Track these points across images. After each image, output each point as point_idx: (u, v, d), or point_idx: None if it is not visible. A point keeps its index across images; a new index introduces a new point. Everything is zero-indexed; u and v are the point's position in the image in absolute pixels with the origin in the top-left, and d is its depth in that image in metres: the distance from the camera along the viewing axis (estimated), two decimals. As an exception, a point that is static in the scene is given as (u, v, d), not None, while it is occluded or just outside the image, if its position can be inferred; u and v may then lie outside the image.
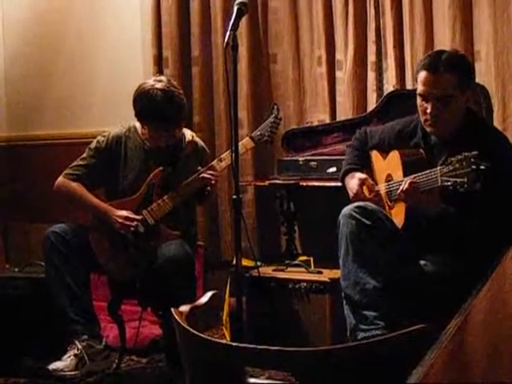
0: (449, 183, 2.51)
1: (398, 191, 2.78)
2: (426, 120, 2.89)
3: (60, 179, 3.46)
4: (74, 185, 3.42)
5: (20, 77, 5.21)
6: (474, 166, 2.44)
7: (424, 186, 2.67)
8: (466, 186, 2.45)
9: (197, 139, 3.56)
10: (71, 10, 5.03)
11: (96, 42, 4.97)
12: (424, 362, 1.17)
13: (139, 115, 3.36)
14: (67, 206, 3.68)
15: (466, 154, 2.47)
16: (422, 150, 2.94)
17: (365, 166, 3.18)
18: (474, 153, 2.47)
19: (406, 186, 2.72)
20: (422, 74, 2.86)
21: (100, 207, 3.37)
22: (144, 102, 3.29)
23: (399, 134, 3.08)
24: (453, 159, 2.51)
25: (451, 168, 2.51)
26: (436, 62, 2.83)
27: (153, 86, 3.30)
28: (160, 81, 3.34)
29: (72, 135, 4.97)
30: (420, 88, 2.88)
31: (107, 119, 4.62)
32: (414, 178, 2.73)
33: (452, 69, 2.82)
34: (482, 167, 2.44)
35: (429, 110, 2.85)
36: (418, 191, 2.69)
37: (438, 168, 2.59)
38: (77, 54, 5.03)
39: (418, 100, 2.91)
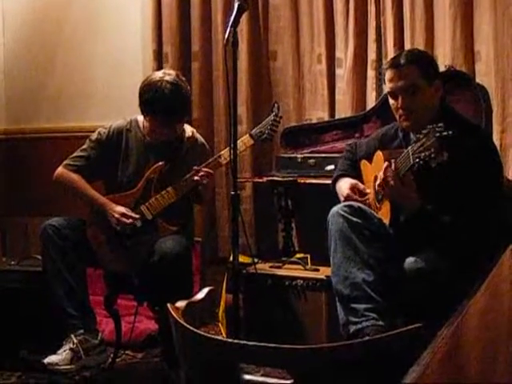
0: (419, 159, 2.58)
1: (377, 182, 2.83)
2: (400, 116, 2.98)
3: (60, 169, 3.46)
4: (74, 176, 3.42)
5: (19, 70, 5.20)
6: (437, 134, 2.51)
7: (400, 170, 2.73)
8: (433, 155, 2.52)
9: (197, 135, 3.56)
10: (71, 4, 5.03)
11: (96, 36, 4.97)
12: (420, 361, 1.17)
13: (144, 106, 3.34)
14: (65, 197, 3.67)
15: (431, 126, 2.54)
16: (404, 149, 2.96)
17: (355, 174, 3.24)
18: (439, 124, 2.55)
19: (381, 175, 2.78)
20: (387, 73, 2.98)
21: (98, 200, 3.37)
22: (151, 92, 3.28)
23: (382, 139, 3.17)
24: (420, 135, 2.59)
25: (419, 144, 2.58)
26: (397, 59, 2.98)
27: (162, 77, 3.30)
28: (169, 74, 3.34)
29: (71, 129, 4.97)
30: (388, 86, 3.00)
31: (106, 113, 4.62)
32: (390, 164, 2.78)
33: (412, 60, 2.93)
34: (445, 133, 2.51)
35: (399, 105, 2.93)
36: (395, 177, 2.74)
37: (409, 148, 2.66)
38: (76, 49, 5.02)
39: (390, 100, 3.01)
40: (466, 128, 2.89)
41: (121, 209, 3.32)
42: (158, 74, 3.35)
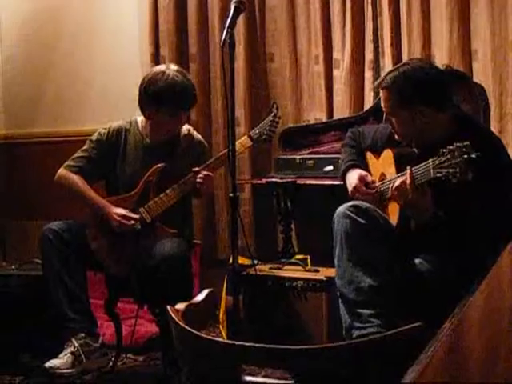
0: (441, 174, 2.51)
1: (392, 189, 2.77)
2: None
3: (61, 171, 3.45)
4: (74, 177, 3.42)
5: (17, 75, 5.21)
6: (465, 156, 2.45)
7: (417, 179, 2.65)
8: (458, 175, 2.46)
9: (193, 133, 3.54)
10: (68, 7, 5.03)
11: (93, 39, 4.97)
12: (420, 360, 1.17)
13: (151, 98, 3.32)
14: (65, 201, 3.67)
15: (458, 144, 2.48)
16: (414, 149, 2.94)
17: (362, 163, 3.19)
18: (466, 143, 2.47)
19: (397, 183, 2.72)
20: None
21: (99, 203, 3.37)
22: (160, 82, 3.28)
23: (391, 135, 3.08)
24: (444, 150, 2.51)
25: (443, 159, 2.51)
26: (384, 77, 2.92)
27: (167, 67, 3.35)
28: (172, 66, 3.40)
29: (69, 133, 4.97)
30: None
31: (104, 117, 4.61)
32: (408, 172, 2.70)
33: (389, 85, 2.87)
34: (473, 156, 2.45)
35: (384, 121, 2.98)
36: (411, 187, 2.66)
37: (430, 160, 2.58)
38: (74, 52, 5.02)
39: None
40: (482, 140, 2.79)
41: (121, 211, 3.32)
42: (161, 67, 3.39)
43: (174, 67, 3.36)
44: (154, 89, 3.30)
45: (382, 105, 2.94)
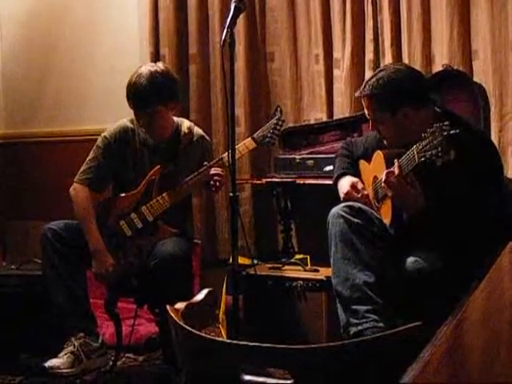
0: (425, 158, 2.55)
1: (382, 180, 2.80)
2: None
3: (74, 185, 3.44)
4: (83, 197, 3.40)
5: (17, 74, 5.20)
6: (445, 133, 2.48)
7: (404, 168, 2.69)
8: (440, 154, 2.49)
9: (194, 130, 3.51)
10: (68, 7, 5.02)
11: (93, 39, 4.96)
12: (419, 360, 1.17)
13: None
14: (65, 200, 3.67)
15: (437, 124, 2.52)
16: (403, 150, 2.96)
17: (355, 172, 3.22)
18: (445, 122, 2.51)
19: (385, 172, 2.75)
20: None
21: (92, 242, 3.33)
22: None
23: (381, 139, 3.09)
24: (425, 134, 2.55)
25: (425, 143, 2.55)
26: (364, 85, 2.97)
27: (148, 66, 3.35)
28: (150, 65, 3.38)
29: (69, 133, 4.97)
30: None
31: (104, 117, 4.62)
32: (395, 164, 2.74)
33: (368, 93, 2.92)
34: (453, 132, 2.48)
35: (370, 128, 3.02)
36: (399, 178, 2.69)
37: (414, 146, 2.62)
38: (74, 52, 5.01)
39: None
40: (469, 129, 2.87)
41: (107, 266, 3.30)
42: (143, 65, 3.40)
43: (146, 67, 3.33)
44: None
45: (366, 113, 2.98)
